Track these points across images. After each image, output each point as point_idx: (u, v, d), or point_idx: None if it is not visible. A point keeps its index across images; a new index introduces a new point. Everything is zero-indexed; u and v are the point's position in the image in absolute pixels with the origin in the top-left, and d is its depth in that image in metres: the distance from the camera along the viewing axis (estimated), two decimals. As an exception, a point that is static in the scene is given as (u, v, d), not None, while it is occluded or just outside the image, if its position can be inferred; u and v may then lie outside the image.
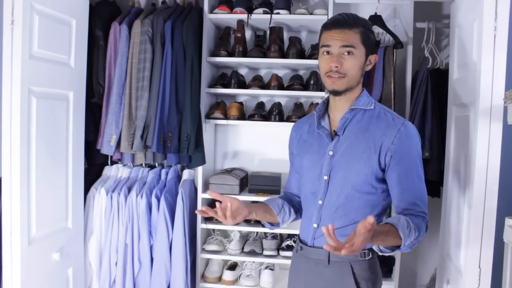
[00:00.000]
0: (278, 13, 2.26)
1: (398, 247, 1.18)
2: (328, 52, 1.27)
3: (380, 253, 1.26)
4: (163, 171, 2.40)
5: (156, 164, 2.45)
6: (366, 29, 1.29)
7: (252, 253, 2.32)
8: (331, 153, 1.32)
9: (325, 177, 1.33)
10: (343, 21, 1.27)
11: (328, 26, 1.28)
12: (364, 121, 1.31)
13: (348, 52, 1.26)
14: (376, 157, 1.27)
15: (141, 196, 2.23)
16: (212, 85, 2.39)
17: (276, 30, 2.35)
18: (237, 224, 2.33)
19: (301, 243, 1.41)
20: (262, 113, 2.37)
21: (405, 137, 1.26)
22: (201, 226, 2.34)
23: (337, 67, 1.25)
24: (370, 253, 1.32)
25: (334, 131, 1.35)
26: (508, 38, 1.52)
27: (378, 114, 1.32)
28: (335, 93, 1.30)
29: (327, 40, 1.27)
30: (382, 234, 1.11)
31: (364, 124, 1.31)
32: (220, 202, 1.21)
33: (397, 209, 1.28)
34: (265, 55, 2.29)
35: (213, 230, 2.49)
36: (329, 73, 1.27)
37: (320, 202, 1.34)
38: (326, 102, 1.41)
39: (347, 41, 1.25)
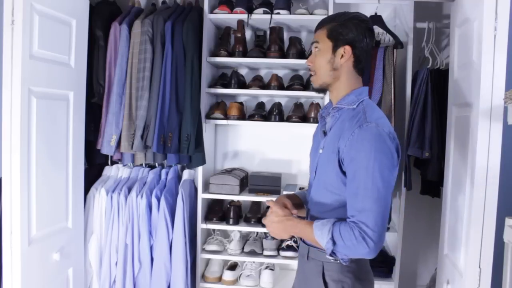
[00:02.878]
0: (278, 13, 2.26)
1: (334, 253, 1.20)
2: None
3: (329, 256, 1.24)
4: (163, 171, 2.40)
5: (156, 164, 2.45)
6: (338, 23, 1.28)
7: (252, 253, 2.32)
8: (320, 151, 1.33)
9: (313, 174, 1.36)
10: (319, 23, 1.33)
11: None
12: (344, 121, 1.26)
13: (316, 47, 1.31)
14: (337, 159, 1.23)
15: (141, 196, 2.23)
16: (212, 85, 2.39)
17: (276, 30, 2.35)
18: (236, 225, 2.35)
19: (301, 239, 1.45)
20: (262, 113, 2.37)
21: (355, 141, 1.17)
22: (201, 226, 2.34)
23: (309, 65, 1.33)
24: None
25: (323, 130, 1.38)
26: (508, 38, 1.52)
27: (355, 114, 1.25)
28: (316, 90, 1.37)
29: None
30: (297, 228, 1.28)
31: (343, 124, 1.26)
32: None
33: None
34: (265, 55, 2.29)
35: (213, 230, 2.49)
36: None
37: (309, 198, 1.39)
38: None
39: (314, 38, 1.32)
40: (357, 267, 1.29)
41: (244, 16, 2.27)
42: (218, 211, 2.42)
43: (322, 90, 1.34)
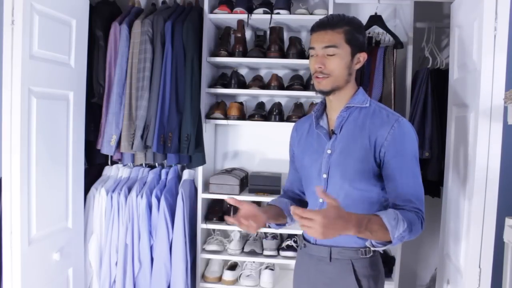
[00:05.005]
0: (278, 13, 2.26)
1: (390, 242, 1.20)
2: (314, 54, 1.31)
3: (373, 248, 1.29)
4: (163, 171, 2.40)
5: (156, 164, 2.45)
6: (352, 27, 1.30)
7: (252, 253, 2.32)
8: (329, 151, 1.34)
9: (324, 175, 1.35)
10: (326, 22, 1.30)
11: (314, 28, 1.33)
12: (360, 119, 1.32)
13: (332, 52, 1.28)
14: (372, 153, 1.28)
15: (141, 196, 2.23)
16: (212, 85, 2.39)
17: (276, 30, 2.35)
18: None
19: (305, 240, 1.43)
20: (262, 113, 2.37)
21: (398, 134, 1.26)
22: (201, 226, 2.34)
23: (320, 67, 1.29)
24: (372, 251, 1.33)
25: (332, 130, 1.37)
26: (508, 38, 1.52)
27: (373, 111, 1.32)
28: (322, 93, 1.34)
29: (312, 42, 1.32)
30: (365, 220, 1.14)
31: (360, 121, 1.32)
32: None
33: (391, 206, 1.29)
34: (265, 55, 2.29)
35: (213, 230, 2.49)
36: (315, 74, 1.31)
37: (321, 200, 1.36)
38: (324, 102, 1.43)
39: (329, 41, 1.28)
40: (378, 260, 1.36)
41: (244, 16, 2.27)
42: (218, 211, 2.42)
43: (327, 92, 1.33)
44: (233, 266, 2.44)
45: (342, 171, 1.31)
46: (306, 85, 2.34)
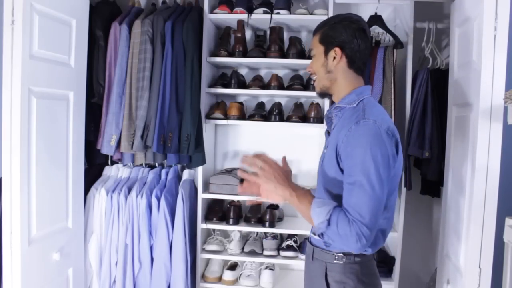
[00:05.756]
0: (278, 13, 2.26)
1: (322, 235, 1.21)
2: None
3: (313, 236, 1.34)
4: (163, 171, 2.40)
5: (156, 164, 2.45)
6: (328, 26, 1.32)
7: (252, 253, 2.32)
8: (325, 150, 1.35)
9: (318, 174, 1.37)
10: (315, 29, 1.37)
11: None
12: (345, 120, 1.27)
13: (312, 55, 1.37)
14: (335, 156, 1.23)
15: (141, 196, 2.23)
16: (212, 85, 2.39)
17: (276, 30, 2.35)
18: (237, 224, 2.35)
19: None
20: (262, 113, 2.36)
21: (352, 137, 1.17)
22: (201, 226, 2.34)
23: (309, 70, 1.39)
24: (345, 257, 1.28)
25: (328, 131, 1.41)
26: (508, 38, 1.52)
27: (354, 112, 1.25)
28: (319, 95, 1.40)
29: None
30: (300, 190, 1.23)
31: (343, 122, 1.27)
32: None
33: None
34: (265, 55, 2.29)
35: (213, 230, 2.49)
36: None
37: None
38: None
39: (311, 45, 1.38)
40: (360, 269, 1.28)
41: (244, 16, 2.27)
42: (218, 211, 2.42)
43: (325, 94, 1.38)
44: (233, 266, 2.44)
45: (321, 171, 1.32)
46: (306, 85, 2.34)
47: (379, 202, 1.14)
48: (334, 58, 1.30)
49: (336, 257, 1.29)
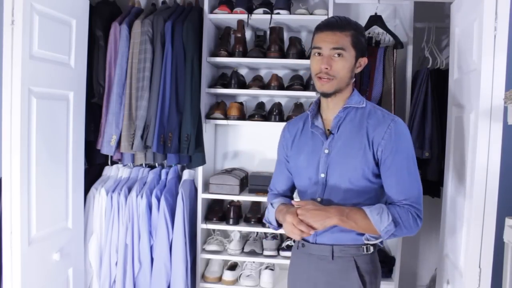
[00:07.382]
0: (278, 13, 2.26)
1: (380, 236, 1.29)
2: (319, 54, 1.32)
3: (366, 242, 1.34)
4: (163, 171, 2.40)
5: (156, 164, 2.45)
6: (357, 32, 1.32)
7: (252, 253, 2.32)
8: (326, 151, 1.35)
9: (322, 175, 1.36)
10: (335, 23, 1.30)
11: (321, 28, 1.33)
12: (357, 119, 1.35)
13: (339, 54, 1.29)
14: (370, 152, 1.31)
15: (141, 196, 2.23)
16: (212, 85, 2.39)
17: (276, 30, 2.35)
18: (237, 225, 2.35)
19: (303, 240, 1.42)
20: (262, 113, 2.37)
21: (394, 133, 1.29)
22: (201, 226, 2.34)
23: (327, 68, 1.29)
24: (372, 248, 1.37)
25: (328, 130, 1.39)
26: (508, 39, 1.52)
27: (369, 111, 1.36)
28: (324, 95, 1.35)
29: (319, 42, 1.32)
30: (346, 210, 1.26)
31: (357, 122, 1.35)
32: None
33: (387, 203, 1.33)
34: (265, 55, 2.29)
35: (213, 230, 2.49)
36: (319, 75, 1.32)
37: (319, 199, 1.37)
38: (318, 102, 1.45)
39: (338, 43, 1.29)
40: (375, 256, 1.40)
41: (244, 16, 2.27)
42: (218, 211, 2.42)
43: (332, 94, 1.35)
44: (233, 266, 2.44)
45: (341, 170, 1.33)
46: (306, 85, 2.34)
47: (420, 184, 1.33)
48: (359, 66, 1.36)
49: (364, 249, 1.35)
